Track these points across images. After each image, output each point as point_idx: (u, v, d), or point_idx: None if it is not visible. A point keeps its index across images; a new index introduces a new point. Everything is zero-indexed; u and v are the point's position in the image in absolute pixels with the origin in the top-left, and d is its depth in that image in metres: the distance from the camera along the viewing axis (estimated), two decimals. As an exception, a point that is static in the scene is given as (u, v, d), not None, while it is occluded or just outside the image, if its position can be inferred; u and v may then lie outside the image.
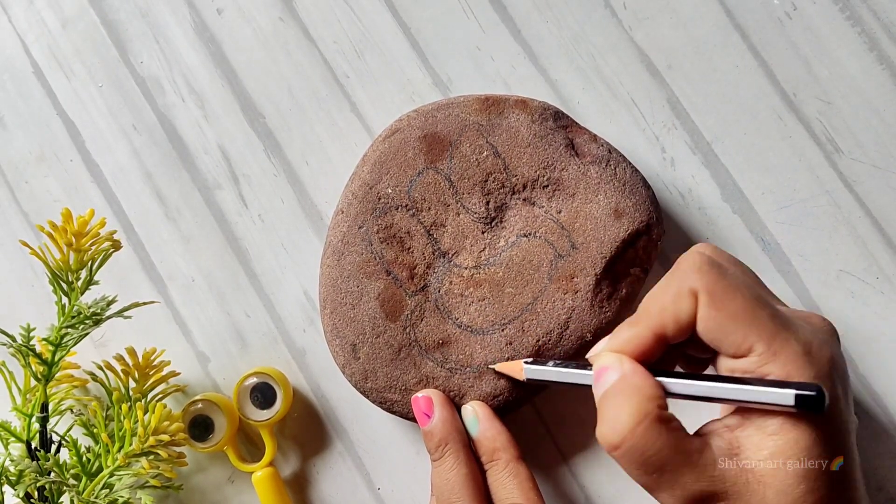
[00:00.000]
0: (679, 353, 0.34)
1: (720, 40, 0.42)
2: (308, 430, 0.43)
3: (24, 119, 0.46)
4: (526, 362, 0.36)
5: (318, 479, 0.43)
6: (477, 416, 0.38)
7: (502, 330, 0.39)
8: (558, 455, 0.42)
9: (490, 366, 0.38)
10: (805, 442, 0.28)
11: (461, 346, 0.39)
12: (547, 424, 0.42)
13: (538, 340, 0.38)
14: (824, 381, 0.29)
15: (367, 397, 0.40)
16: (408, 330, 0.39)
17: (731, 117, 0.42)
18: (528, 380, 0.36)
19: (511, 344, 0.39)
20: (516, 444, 0.37)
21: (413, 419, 0.40)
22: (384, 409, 0.40)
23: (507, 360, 0.38)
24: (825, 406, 0.27)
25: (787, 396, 0.28)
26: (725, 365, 0.31)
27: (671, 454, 0.29)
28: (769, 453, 0.29)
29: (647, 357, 0.31)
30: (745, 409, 0.30)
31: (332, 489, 0.43)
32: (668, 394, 0.31)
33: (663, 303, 0.31)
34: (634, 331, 0.32)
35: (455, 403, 0.39)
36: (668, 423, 0.29)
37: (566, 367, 0.34)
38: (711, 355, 0.32)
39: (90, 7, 0.46)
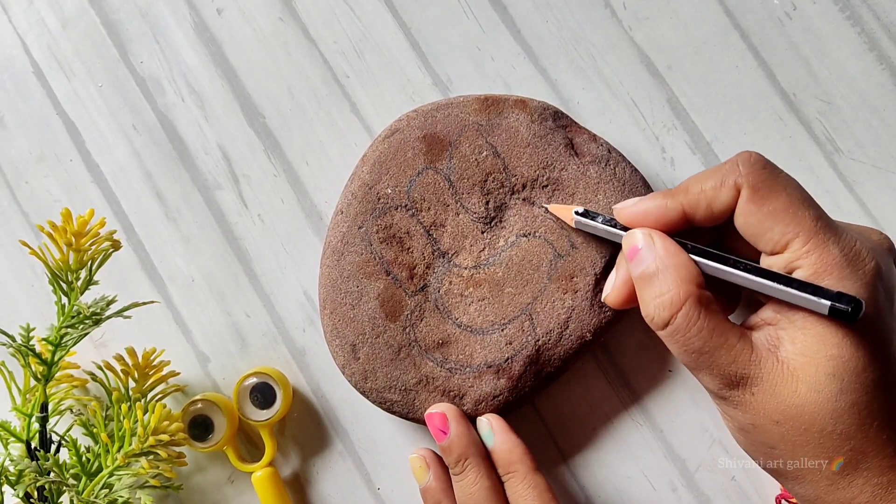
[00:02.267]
0: (708, 238, 0.34)
1: (720, 40, 0.42)
2: (308, 430, 0.43)
3: (24, 119, 0.46)
4: (577, 211, 0.37)
5: (318, 479, 0.43)
6: (492, 428, 0.38)
7: (502, 330, 0.39)
8: (558, 455, 0.42)
9: (543, 204, 0.39)
10: (833, 339, 0.29)
11: (461, 346, 0.39)
12: (547, 424, 0.42)
13: (538, 340, 0.38)
14: (859, 285, 0.29)
15: (367, 397, 0.40)
16: (407, 330, 0.39)
17: (731, 117, 0.42)
18: (576, 227, 0.38)
19: (511, 343, 0.38)
20: (532, 456, 0.37)
21: (413, 419, 0.40)
22: (384, 409, 0.40)
23: (508, 359, 0.38)
24: (858, 317, 0.27)
25: (821, 306, 0.28)
26: (763, 262, 0.31)
27: (710, 335, 0.30)
28: (801, 347, 0.29)
29: (669, 230, 0.32)
30: (778, 302, 0.30)
31: (332, 489, 0.43)
32: (715, 281, 0.31)
33: (704, 186, 0.31)
34: (666, 202, 0.32)
35: (457, 404, 0.39)
36: (707, 304, 0.30)
37: (613, 226, 0.35)
38: (749, 252, 0.32)
39: (90, 7, 0.46)
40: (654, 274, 0.31)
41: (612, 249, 0.38)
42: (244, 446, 0.44)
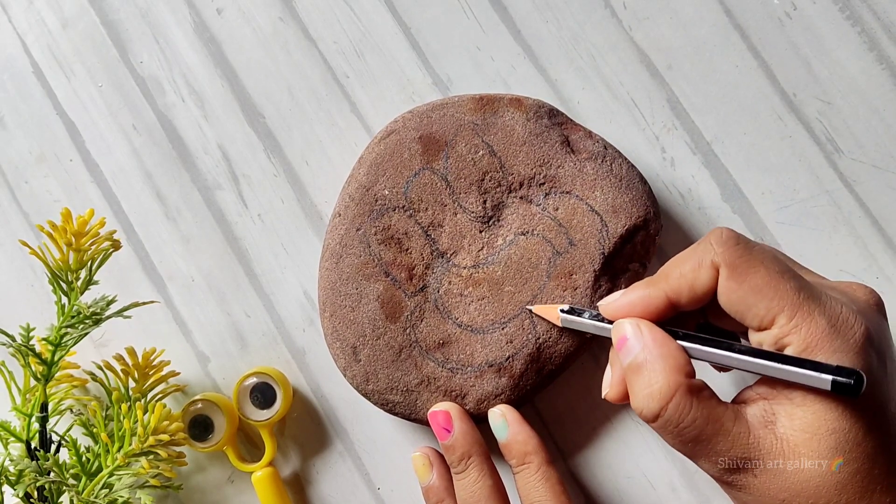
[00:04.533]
0: (696, 320, 0.34)
1: (720, 40, 0.42)
2: (308, 430, 0.43)
3: (24, 119, 0.46)
4: (562, 310, 0.37)
5: (318, 479, 0.43)
6: (506, 420, 0.38)
7: (502, 328, 0.39)
8: (558, 454, 0.42)
9: (528, 306, 0.38)
10: (832, 413, 0.28)
11: (462, 346, 0.39)
12: (547, 424, 0.42)
13: (539, 338, 0.38)
14: (851, 354, 0.28)
15: (369, 399, 0.40)
16: (408, 331, 0.39)
17: (731, 117, 0.42)
18: (563, 325, 0.37)
19: (512, 342, 0.39)
20: (546, 448, 0.37)
21: (415, 420, 0.40)
22: (386, 410, 0.40)
23: (508, 357, 0.38)
24: (861, 391, 0.27)
25: (824, 381, 0.27)
26: (752, 339, 0.31)
27: (704, 424, 0.29)
28: (801, 424, 0.29)
29: (656, 318, 0.32)
30: (772, 379, 0.30)
31: (332, 489, 0.43)
32: (693, 357, 0.31)
33: (682, 270, 0.31)
34: (649, 291, 0.32)
35: (459, 404, 0.39)
36: (699, 392, 0.30)
37: (600, 321, 0.35)
38: (740, 329, 0.32)
39: (90, 7, 0.46)
40: (641, 364, 0.31)
41: (610, 245, 0.38)
42: (244, 446, 0.44)
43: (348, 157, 0.43)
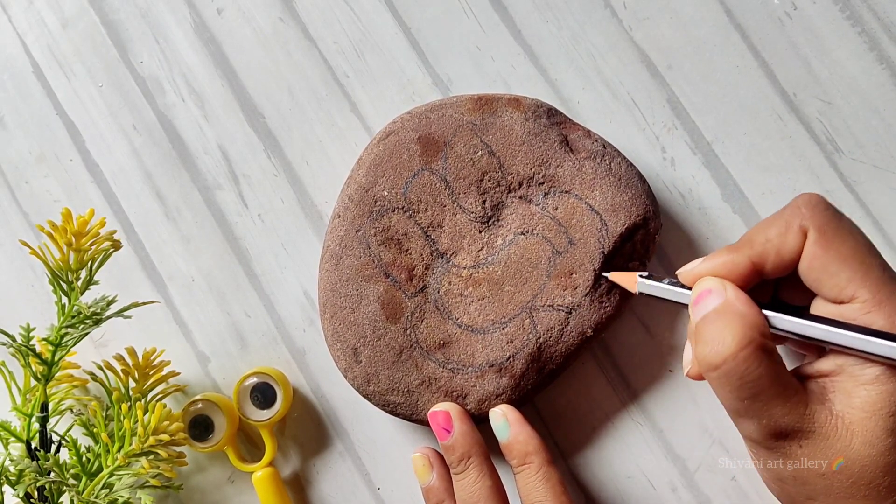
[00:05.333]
0: (769, 293, 0.33)
1: (720, 40, 0.42)
2: (308, 430, 0.43)
3: (24, 119, 0.46)
4: (641, 275, 0.36)
5: (318, 479, 0.43)
6: (507, 420, 0.38)
7: (503, 328, 0.39)
8: (558, 454, 0.42)
9: (604, 273, 0.38)
10: None
11: (462, 346, 0.39)
12: (547, 423, 0.42)
13: (539, 338, 0.38)
14: None
15: (370, 401, 0.40)
16: (408, 331, 0.39)
17: (731, 117, 0.42)
18: (640, 293, 0.36)
19: (512, 342, 0.39)
20: (547, 448, 0.37)
21: (416, 421, 0.40)
22: (387, 411, 0.40)
23: (509, 357, 0.38)
24: None
25: None
26: (823, 310, 0.30)
27: (769, 383, 0.29)
28: (861, 402, 0.29)
29: (741, 286, 0.31)
30: (839, 355, 0.30)
31: (332, 489, 0.43)
32: (772, 328, 0.30)
33: (769, 234, 0.30)
34: (733, 256, 0.31)
35: (460, 404, 0.39)
36: (770, 353, 0.29)
37: (680, 287, 0.34)
38: (805, 304, 0.31)
39: (90, 7, 0.46)
40: (719, 314, 0.30)
41: (609, 244, 0.38)
42: (244, 446, 0.44)
43: (348, 157, 0.43)
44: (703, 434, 0.41)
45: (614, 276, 0.37)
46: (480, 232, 0.40)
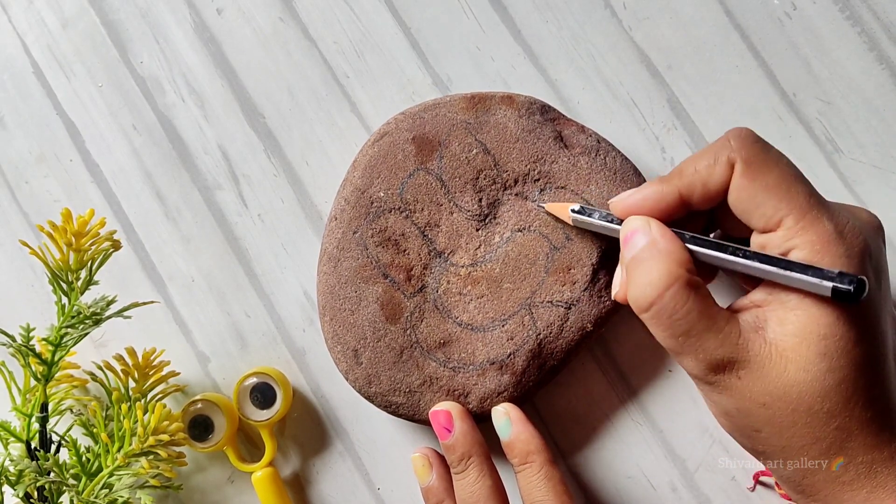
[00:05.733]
0: (701, 225, 0.34)
1: (720, 40, 0.42)
2: (308, 430, 0.43)
3: (24, 119, 0.46)
4: (573, 210, 0.37)
5: (318, 479, 0.43)
6: (510, 418, 0.38)
7: (503, 326, 0.39)
8: (558, 454, 0.42)
9: (540, 204, 0.39)
10: (826, 319, 0.28)
11: (463, 345, 0.39)
12: (546, 423, 0.42)
13: (539, 334, 0.38)
14: (853, 262, 0.29)
15: (372, 402, 0.40)
16: (408, 332, 0.39)
17: (731, 117, 0.42)
18: (573, 224, 0.37)
19: (512, 339, 0.39)
20: (548, 447, 0.37)
21: (419, 421, 0.40)
22: (389, 412, 0.40)
23: (510, 354, 0.38)
24: (861, 297, 0.27)
25: (824, 288, 0.28)
26: (755, 241, 0.31)
27: (698, 318, 0.30)
28: (792, 328, 0.29)
29: (666, 216, 0.32)
30: (769, 285, 0.30)
31: (332, 489, 0.43)
32: (697, 262, 0.31)
33: (698, 165, 0.31)
34: (661, 188, 0.32)
35: (462, 403, 0.39)
36: (696, 288, 0.30)
37: (609, 221, 0.35)
38: (745, 236, 0.32)
39: (90, 7, 0.46)
40: (645, 256, 0.31)
41: (609, 240, 0.38)
42: (244, 446, 0.44)
43: (348, 157, 0.43)
44: (703, 434, 0.41)
45: (550, 207, 0.38)
46: (477, 230, 0.40)
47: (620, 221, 0.34)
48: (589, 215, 0.36)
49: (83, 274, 0.39)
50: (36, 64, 0.46)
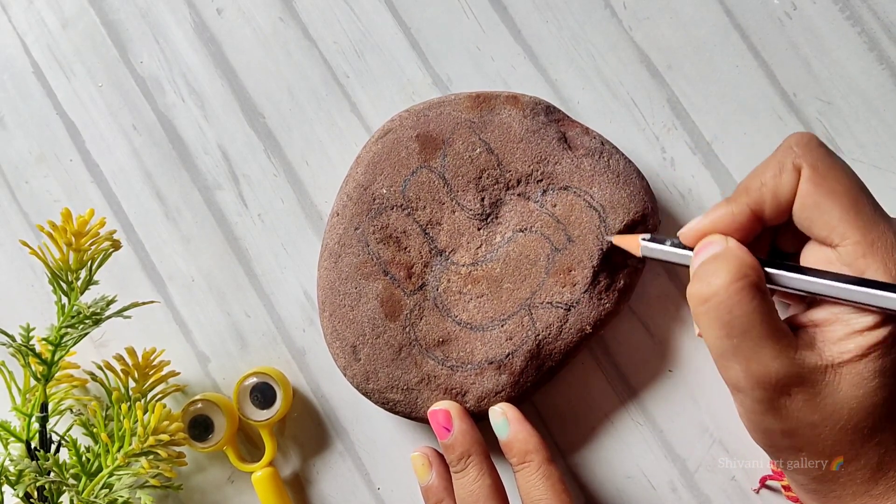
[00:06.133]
0: (766, 244, 0.33)
1: (720, 40, 0.42)
2: (308, 430, 0.43)
3: (24, 119, 0.46)
4: (643, 239, 0.35)
5: (318, 479, 0.43)
6: (507, 417, 0.38)
7: (502, 326, 0.39)
8: (558, 453, 0.42)
9: (608, 237, 0.38)
10: (891, 339, 0.28)
11: (462, 344, 0.39)
12: (546, 422, 0.42)
13: (538, 335, 0.38)
14: None
15: (370, 398, 0.40)
16: (408, 329, 0.39)
17: (731, 117, 0.42)
18: (643, 257, 0.35)
19: (511, 339, 0.39)
20: (546, 446, 0.37)
21: (416, 419, 0.40)
22: (386, 409, 0.40)
23: (508, 354, 0.38)
24: None
25: None
26: (815, 254, 0.30)
27: (759, 321, 0.28)
28: (854, 348, 0.28)
29: (742, 237, 0.30)
30: (833, 304, 0.29)
31: (332, 489, 0.43)
32: (771, 283, 0.30)
33: (764, 178, 0.30)
34: (731, 207, 0.31)
35: (459, 402, 0.39)
36: (763, 293, 0.29)
37: (682, 248, 0.33)
38: (797, 251, 0.31)
39: (90, 7, 0.46)
40: (716, 258, 0.29)
41: (608, 242, 0.38)
42: (244, 446, 0.44)
43: (348, 156, 0.43)
44: (703, 434, 0.41)
45: (618, 240, 0.37)
46: (479, 229, 0.40)
47: (691, 249, 0.32)
48: (661, 243, 0.34)
49: (83, 274, 0.39)
50: (36, 64, 0.46)
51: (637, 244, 0.35)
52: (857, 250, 0.28)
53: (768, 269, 0.30)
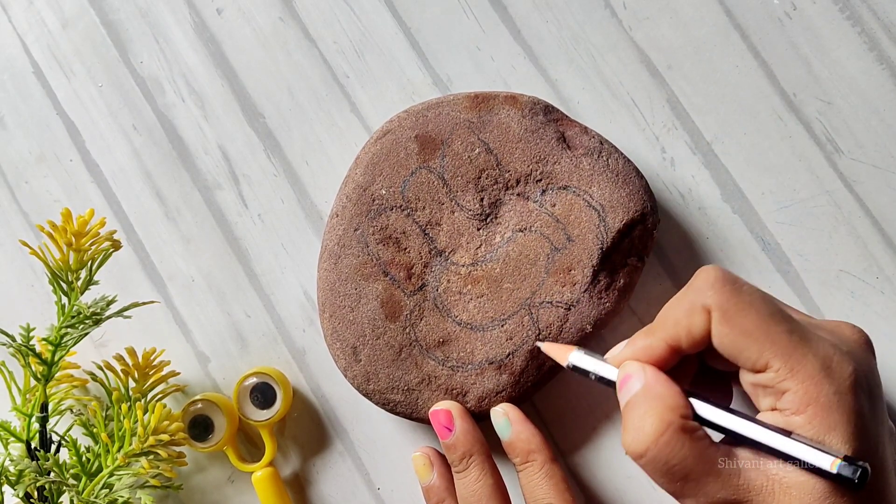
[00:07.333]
0: (696, 364, 0.34)
1: (720, 40, 0.42)
2: (308, 430, 0.43)
3: (24, 119, 0.46)
4: (571, 358, 0.35)
5: (318, 479, 0.43)
6: (509, 418, 0.38)
7: (502, 326, 0.39)
8: (558, 453, 0.42)
9: (537, 343, 0.38)
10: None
11: (462, 344, 0.39)
12: (546, 422, 0.42)
13: (538, 334, 0.38)
14: (844, 396, 0.29)
15: (370, 399, 0.40)
16: (408, 330, 0.39)
17: (731, 117, 0.42)
18: (571, 367, 0.35)
19: (512, 339, 0.39)
20: (549, 445, 0.37)
21: (416, 419, 0.40)
22: (387, 410, 0.40)
23: (509, 354, 0.38)
24: (865, 483, 0.27)
25: (826, 462, 0.28)
26: (746, 378, 0.31)
27: (695, 463, 0.29)
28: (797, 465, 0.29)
29: (663, 365, 0.32)
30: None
31: (332, 489, 0.43)
32: (696, 417, 0.31)
33: (677, 316, 0.31)
34: (649, 340, 0.32)
35: (460, 402, 0.39)
36: (691, 432, 0.30)
37: (605, 379, 0.34)
38: (734, 369, 0.32)
39: (90, 7, 0.46)
40: (638, 402, 0.31)
41: (608, 240, 0.38)
42: (244, 446, 0.44)
43: (348, 157, 0.43)
44: (704, 434, 0.41)
45: (546, 348, 0.37)
46: (479, 230, 0.40)
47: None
48: (584, 374, 0.35)
49: (83, 274, 0.39)
50: (36, 64, 0.46)
51: (566, 357, 0.35)
52: (779, 376, 0.29)
53: (693, 402, 0.31)
